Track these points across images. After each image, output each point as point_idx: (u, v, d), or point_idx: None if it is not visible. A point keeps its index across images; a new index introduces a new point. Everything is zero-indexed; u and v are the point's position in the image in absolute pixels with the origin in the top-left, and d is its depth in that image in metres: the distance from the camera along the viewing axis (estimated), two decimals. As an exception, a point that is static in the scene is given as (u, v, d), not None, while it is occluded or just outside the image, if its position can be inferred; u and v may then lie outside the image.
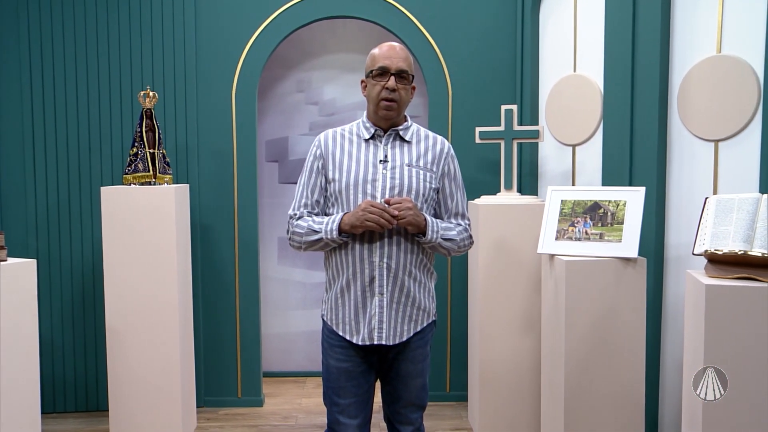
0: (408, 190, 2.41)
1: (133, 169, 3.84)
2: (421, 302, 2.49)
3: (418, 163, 2.47)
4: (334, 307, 2.48)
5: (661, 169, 3.55)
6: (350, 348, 2.47)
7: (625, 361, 3.18)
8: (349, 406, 2.49)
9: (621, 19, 3.64)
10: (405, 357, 2.51)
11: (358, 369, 2.49)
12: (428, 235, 2.41)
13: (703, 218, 2.66)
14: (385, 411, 2.66)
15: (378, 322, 2.41)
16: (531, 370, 3.91)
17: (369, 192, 2.39)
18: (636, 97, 3.60)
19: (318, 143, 2.52)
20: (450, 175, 2.57)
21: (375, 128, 2.48)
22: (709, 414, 2.46)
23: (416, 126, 2.58)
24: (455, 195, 2.59)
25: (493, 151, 4.35)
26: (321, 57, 4.99)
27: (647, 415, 3.50)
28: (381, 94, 2.42)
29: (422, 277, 2.50)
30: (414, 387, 2.56)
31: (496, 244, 3.86)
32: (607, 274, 3.14)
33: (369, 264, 2.39)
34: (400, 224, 2.34)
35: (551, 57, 4.31)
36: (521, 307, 3.89)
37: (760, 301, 2.39)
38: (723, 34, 3.29)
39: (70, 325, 4.36)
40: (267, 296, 5.08)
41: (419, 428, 2.63)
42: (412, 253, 2.44)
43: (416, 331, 2.50)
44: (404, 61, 2.46)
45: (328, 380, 2.53)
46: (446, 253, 2.52)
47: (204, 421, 4.27)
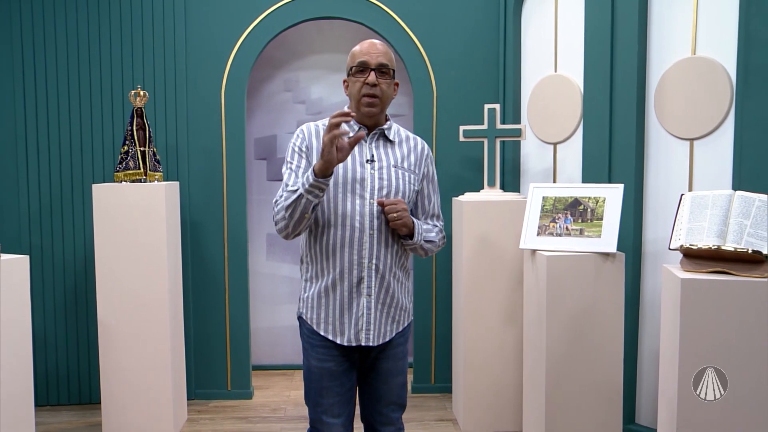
0: (396, 192, 2.36)
1: (124, 166, 3.84)
2: (402, 302, 2.45)
3: (403, 164, 2.42)
4: (315, 306, 2.40)
5: (639, 166, 3.59)
6: (333, 348, 2.39)
7: (604, 353, 3.21)
8: (333, 406, 2.40)
9: (600, 21, 3.67)
10: (386, 355, 2.45)
11: (340, 368, 2.41)
12: (415, 237, 2.38)
13: (678, 214, 2.69)
14: (364, 413, 2.57)
15: (366, 324, 2.35)
16: (513, 362, 3.94)
17: (358, 192, 2.31)
18: (615, 97, 3.63)
19: (302, 136, 2.42)
20: (429, 177, 2.54)
21: (359, 126, 2.40)
22: (683, 403, 2.50)
23: (396, 126, 2.53)
24: (432, 197, 2.55)
25: (477, 149, 4.38)
26: (308, 57, 5.00)
27: (625, 404, 3.54)
28: (362, 90, 2.33)
29: (403, 278, 2.46)
30: (394, 385, 2.49)
31: (479, 239, 3.89)
32: (587, 269, 3.17)
33: (358, 265, 2.32)
34: (395, 226, 2.30)
35: (533, 57, 4.33)
36: (504, 300, 3.92)
37: (733, 294, 2.43)
38: (697, 37, 3.33)
39: (63, 320, 4.35)
40: (256, 291, 5.09)
41: (400, 428, 2.56)
42: (397, 254, 2.40)
43: (398, 331, 2.46)
44: (384, 56, 2.36)
45: (309, 380, 2.44)
46: (424, 253, 2.48)
47: (195, 413, 4.27)
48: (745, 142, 3.02)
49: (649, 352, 3.64)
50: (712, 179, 3.30)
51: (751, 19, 2.99)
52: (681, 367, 2.49)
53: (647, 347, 3.66)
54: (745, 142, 3.02)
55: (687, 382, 2.49)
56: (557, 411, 3.23)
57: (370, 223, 2.32)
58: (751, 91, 3.00)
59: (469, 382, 3.96)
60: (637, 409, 3.73)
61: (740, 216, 2.50)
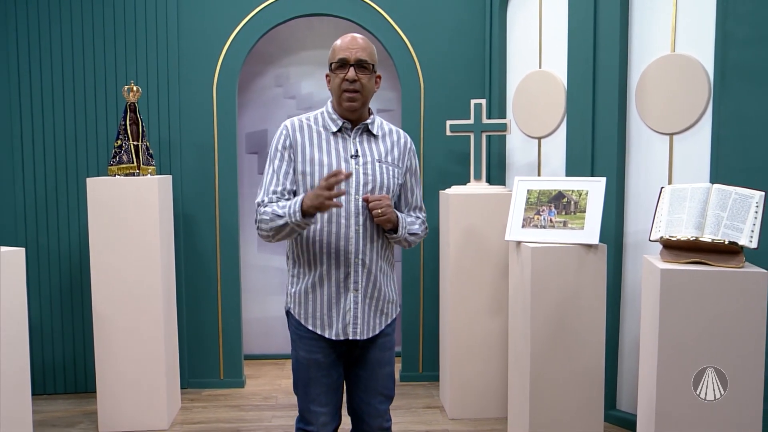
0: (380, 187, 2.35)
1: (118, 160, 3.83)
2: (389, 295, 2.45)
3: (387, 159, 2.41)
4: (303, 301, 2.38)
5: (621, 160, 3.62)
6: (321, 340, 2.38)
7: (586, 341, 3.23)
8: (320, 395, 2.40)
9: (583, 19, 3.69)
10: (374, 345, 2.44)
11: (327, 360, 2.40)
12: (399, 231, 2.37)
13: (658, 207, 2.72)
14: (352, 404, 2.53)
15: (353, 318, 2.34)
16: (499, 351, 3.97)
17: (343, 187, 2.26)
18: (597, 93, 3.66)
19: (286, 131, 2.38)
20: (412, 170, 2.52)
21: (342, 121, 2.37)
22: (662, 389, 2.53)
23: (380, 119, 2.50)
24: (415, 189, 2.54)
25: (463, 144, 4.39)
26: (298, 53, 5.00)
27: (606, 390, 3.58)
28: (342, 85, 2.31)
29: (389, 271, 2.46)
30: (382, 376, 2.47)
31: (465, 231, 3.91)
32: (570, 260, 3.19)
33: (345, 260, 2.31)
34: (380, 221, 2.30)
35: (518, 54, 4.35)
36: (489, 290, 3.94)
37: (711, 283, 2.47)
38: (677, 35, 3.36)
39: (59, 311, 4.35)
40: (247, 282, 5.09)
41: (388, 420, 2.52)
42: (382, 248, 2.40)
43: (387, 323, 2.46)
44: (363, 51, 2.32)
45: (297, 371, 2.44)
46: (407, 245, 2.48)
47: (188, 402, 4.28)
48: (722, 137, 3.06)
49: (630, 340, 3.68)
50: (690, 173, 3.34)
51: (727, 18, 3.03)
52: (660, 354, 2.53)
53: (628, 335, 3.70)
54: (722, 136, 3.06)
55: (666, 369, 2.53)
56: (541, 397, 3.26)
57: (356, 219, 2.31)
58: (727, 88, 3.04)
59: (456, 370, 3.99)
60: (618, 395, 3.78)
61: (717, 208, 2.53)
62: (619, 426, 3.73)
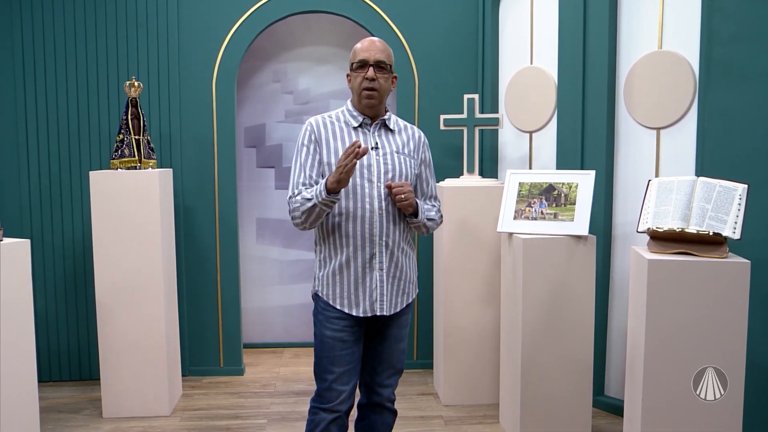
0: (399, 175, 2.48)
1: (120, 154, 3.83)
2: (409, 275, 2.58)
3: (404, 150, 2.54)
4: (331, 283, 2.49)
5: (610, 154, 3.64)
6: (347, 319, 2.49)
7: (576, 329, 3.26)
8: (343, 374, 2.50)
9: (573, 16, 3.70)
10: (394, 322, 2.57)
11: (352, 338, 2.51)
12: (419, 215, 2.50)
13: (646, 199, 2.74)
14: (364, 377, 2.66)
15: (380, 295, 2.47)
16: (491, 339, 3.99)
17: (366, 176, 2.43)
18: (587, 89, 3.68)
19: (311, 128, 2.52)
20: (426, 162, 2.66)
21: (362, 117, 2.52)
22: (648, 377, 2.56)
23: (395, 116, 2.64)
24: (430, 180, 2.68)
25: (457, 137, 4.41)
26: (296, 49, 5.00)
27: (595, 377, 3.61)
28: (362, 84, 2.47)
29: (409, 251, 2.59)
30: (396, 350, 2.61)
31: (459, 223, 3.93)
32: (560, 251, 3.22)
33: (370, 242, 2.44)
34: (402, 206, 2.42)
35: (510, 50, 4.36)
36: (482, 281, 3.96)
37: (696, 273, 2.49)
38: (664, 32, 3.38)
39: (63, 300, 4.35)
40: (246, 273, 5.10)
41: (393, 391, 2.68)
42: (403, 231, 2.52)
43: (408, 302, 2.59)
44: (382, 53, 2.50)
45: (322, 350, 2.52)
46: (425, 231, 2.60)
47: (189, 389, 4.30)
48: (707, 132, 3.08)
49: (618, 328, 3.71)
50: (677, 166, 3.36)
51: (713, 16, 3.04)
52: (647, 341, 2.56)
53: (616, 324, 3.73)
54: (707, 131, 3.08)
55: (653, 356, 2.56)
56: (532, 384, 3.29)
57: (379, 204, 2.44)
58: (712, 84, 3.06)
59: (449, 358, 4.01)
60: (606, 382, 3.81)
61: (702, 200, 2.56)
62: (607, 411, 3.76)
